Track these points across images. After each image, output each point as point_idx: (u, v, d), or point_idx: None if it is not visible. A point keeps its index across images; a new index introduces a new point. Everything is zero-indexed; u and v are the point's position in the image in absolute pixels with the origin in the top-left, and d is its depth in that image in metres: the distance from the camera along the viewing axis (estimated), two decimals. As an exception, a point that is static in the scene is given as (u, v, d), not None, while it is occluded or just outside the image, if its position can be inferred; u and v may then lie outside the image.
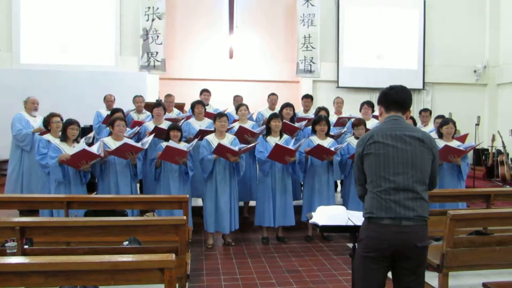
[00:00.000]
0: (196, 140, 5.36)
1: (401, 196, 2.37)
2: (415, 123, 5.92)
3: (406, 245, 2.37)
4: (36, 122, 6.36)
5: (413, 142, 2.43)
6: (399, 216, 2.36)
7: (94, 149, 4.87)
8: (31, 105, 6.44)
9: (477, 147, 7.55)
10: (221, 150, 5.09)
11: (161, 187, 5.29)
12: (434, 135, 6.06)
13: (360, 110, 6.68)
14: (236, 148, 5.14)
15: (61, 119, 5.42)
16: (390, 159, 2.41)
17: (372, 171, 2.46)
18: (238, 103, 6.62)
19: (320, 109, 6.48)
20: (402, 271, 2.44)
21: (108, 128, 5.69)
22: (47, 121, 5.59)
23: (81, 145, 4.93)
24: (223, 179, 5.29)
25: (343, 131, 6.35)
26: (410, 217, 2.36)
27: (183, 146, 5.21)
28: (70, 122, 5.08)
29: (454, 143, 5.51)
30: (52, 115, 5.54)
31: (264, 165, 5.43)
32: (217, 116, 5.40)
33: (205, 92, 7.23)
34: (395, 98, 2.55)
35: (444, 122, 5.67)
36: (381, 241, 2.38)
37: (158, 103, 6.36)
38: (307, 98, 7.26)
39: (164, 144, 5.19)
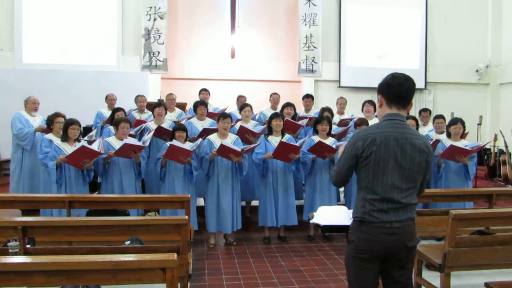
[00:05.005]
0: (200, 139, 5.36)
1: (394, 203, 2.36)
2: (417, 123, 5.89)
3: (396, 246, 2.39)
4: (36, 121, 6.36)
5: (414, 151, 2.37)
6: (390, 219, 2.36)
7: (94, 146, 4.87)
8: (32, 105, 6.44)
9: (480, 149, 7.54)
10: (224, 150, 5.09)
11: (165, 187, 5.29)
12: (434, 134, 6.05)
13: (362, 110, 6.68)
14: (239, 148, 5.14)
15: (65, 120, 5.41)
16: (389, 167, 2.34)
17: (368, 176, 2.38)
18: (242, 104, 6.62)
19: (324, 109, 6.47)
20: (391, 268, 2.46)
21: (111, 128, 5.69)
22: (50, 120, 5.58)
23: (82, 143, 4.92)
24: (225, 179, 5.29)
25: (345, 128, 6.35)
26: (400, 220, 2.38)
27: (188, 146, 5.20)
28: (71, 122, 5.08)
29: (462, 143, 5.45)
30: (57, 115, 5.53)
31: (258, 167, 5.47)
32: (221, 117, 5.36)
33: (203, 91, 7.23)
34: (400, 93, 2.40)
35: (453, 121, 5.59)
36: (373, 243, 2.37)
37: (159, 103, 6.35)
38: (308, 98, 7.25)
39: (169, 143, 5.20)
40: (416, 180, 2.43)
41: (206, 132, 5.69)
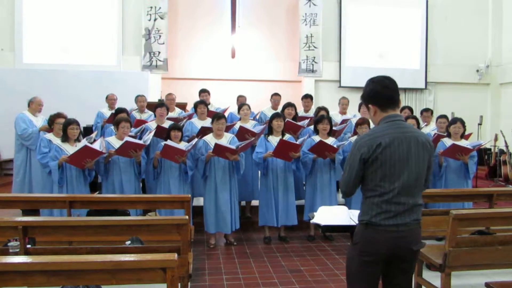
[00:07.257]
0: (196, 139, 5.36)
1: (401, 205, 2.35)
2: (418, 123, 5.89)
3: (402, 249, 2.38)
4: (39, 122, 6.34)
5: (418, 148, 2.37)
6: (397, 223, 2.35)
7: (95, 146, 4.87)
8: (37, 106, 6.41)
9: (480, 147, 7.62)
10: (219, 150, 5.09)
11: (161, 186, 5.29)
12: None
13: (359, 110, 6.68)
14: (233, 147, 5.14)
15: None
16: (395, 168, 2.33)
17: (375, 179, 2.36)
18: (240, 103, 6.63)
19: (320, 109, 6.47)
20: (393, 272, 2.46)
21: (112, 127, 5.69)
22: (52, 121, 5.57)
23: (83, 143, 4.92)
24: (223, 179, 5.28)
25: (343, 126, 6.36)
26: (407, 222, 2.37)
27: (183, 146, 5.21)
28: (70, 122, 5.06)
29: (462, 143, 5.46)
30: (58, 115, 5.51)
31: (259, 166, 5.47)
32: (215, 118, 5.35)
33: (203, 92, 7.19)
34: (391, 96, 2.42)
35: (453, 121, 5.62)
36: (379, 246, 2.36)
37: (162, 103, 6.34)
38: (307, 98, 7.24)
39: (163, 143, 5.20)
40: (422, 178, 2.43)
41: (204, 131, 5.69)
